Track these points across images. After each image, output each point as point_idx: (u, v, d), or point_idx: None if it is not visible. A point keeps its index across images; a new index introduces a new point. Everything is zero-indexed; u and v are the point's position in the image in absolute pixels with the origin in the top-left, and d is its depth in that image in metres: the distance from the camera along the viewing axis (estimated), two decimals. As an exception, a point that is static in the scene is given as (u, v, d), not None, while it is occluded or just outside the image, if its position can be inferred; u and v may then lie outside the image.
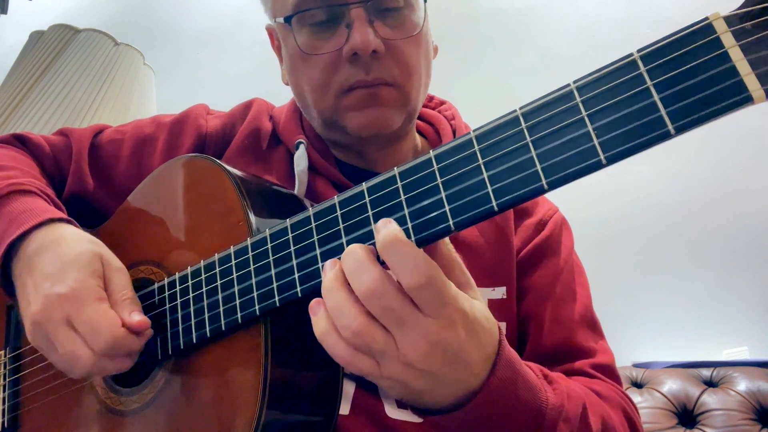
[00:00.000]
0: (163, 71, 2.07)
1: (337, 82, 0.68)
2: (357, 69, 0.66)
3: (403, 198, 0.44)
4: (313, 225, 0.49)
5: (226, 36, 2.59)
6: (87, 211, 0.79)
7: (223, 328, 0.53)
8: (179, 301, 0.57)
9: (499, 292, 0.72)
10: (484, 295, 0.69)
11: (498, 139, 0.41)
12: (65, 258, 0.57)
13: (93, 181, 0.79)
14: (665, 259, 1.85)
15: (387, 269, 0.42)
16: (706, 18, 0.35)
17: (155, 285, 0.60)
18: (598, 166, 0.38)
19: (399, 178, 0.45)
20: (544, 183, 0.39)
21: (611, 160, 0.37)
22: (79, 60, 1.66)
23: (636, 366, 1.68)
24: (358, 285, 0.42)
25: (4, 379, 0.71)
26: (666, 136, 0.36)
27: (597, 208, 1.90)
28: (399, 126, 0.71)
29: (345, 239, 0.47)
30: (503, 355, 0.48)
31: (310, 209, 0.50)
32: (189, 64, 2.59)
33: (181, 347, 0.56)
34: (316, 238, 0.49)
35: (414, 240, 0.43)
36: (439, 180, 0.43)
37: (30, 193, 0.66)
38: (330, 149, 0.78)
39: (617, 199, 1.92)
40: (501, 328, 0.49)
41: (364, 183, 0.47)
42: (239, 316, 0.52)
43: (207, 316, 0.54)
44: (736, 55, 0.34)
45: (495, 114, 0.42)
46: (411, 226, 0.43)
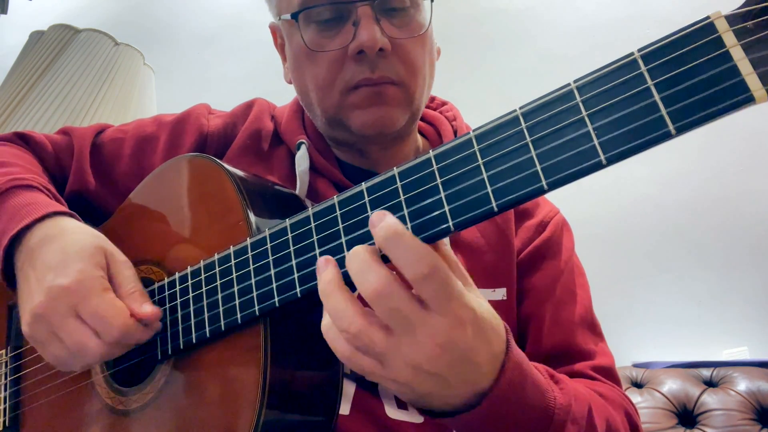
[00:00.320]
0: (163, 71, 2.07)
1: (343, 79, 0.68)
2: (362, 67, 0.66)
3: (403, 198, 0.44)
4: (313, 225, 0.49)
5: (226, 36, 2.59)
6: (88, 210, 0.78)
7: (223, 328, 0.53)
8: (179, 301, 0.57)
9: (500, 293, 0.72)
10: (484, 296, 0.69)
11: (498, 139, 0.41)
12: (68, 250, 0.57)
13: (94, 180, 0.79)
14: (665, 260, 1.85)
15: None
16: (707, 17, 0.35)
17: (155, 285, 0.60)
18: (598, 166, 0.37)
19: (398, 178, 0.45)
20: (544, 183, 0.39)
21: (611, 160, 0.37)
22: (79, 60, 1.65)
23: (636, 366, 1.68)
24: (365, 286, 0.41)
25: (4, 379, 0.71)
26: (667, 136, 0.35)
27: (597, 208, 1.90)
28: (402, 125, 0.71)
29: (344, 239, 0.47)
30: (512, 355, 0.47)
31: (309, 209, 0.50)
32: (189, 64, 2.59)
33: (181, 347, 0.56)
34: (315, 238, 0.48)
35: None
36: (439, 180, 0.43)
37: (32, 188, 0.66)
38: (332, 149, 0.78)
39: (617, 200, 1.92)
40: (507, 327, 0.48)
41: (363, 183, 0.47)
42: (239, 316, 0.52)
43: (207, 316, 0.54)
44: (737, 55, 0.34)
45: (495, 114, 0.42)
46: (410, 226, 0.43)
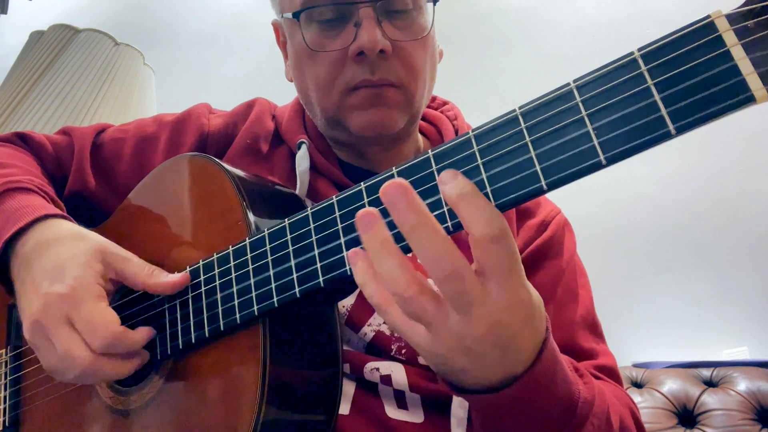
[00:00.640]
0: (164, 71, 2.06)
1: (343, 80, 0.68)
2: (362, 68, 0.66)
3: (403, 198, 0.44)
4: (312, 225, 0.49)
5: (226, 36, 2.59)
6: (88, 210, 0.79)
7: (222, 328, 0.53)
8: (178, 301, 0.57)
9: None
10: None
11: (497, 139, 0.41)
12: (64, 255, 0.57)
13: (94, 180, 0.79)
14: (665, 260, 1.85)
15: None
16: (707, 16, 0.35)
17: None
18: (597, 166, 0.37)
19: (397, 177, 0.44)
20: (543, 183, 0.39)
21: (611, 160, 0.37)
22: (79, 60, 1.65)
23: (636, 366, 1.68)
24: (423, 249, 0.40)
25: (4, 378, 0.71)
26: (667, 136, 0.35)
27: (597, 208, 1.89)
28: (402, 127, 0.71)
29: (344, 239, 0.47)
30: (549, 344, 0.46)
31: (308, 209, 0.50)
32: (189, 64, 2.59)
33: (180, 347, 0.56)
34: (314, 238, 0.48)
35: None
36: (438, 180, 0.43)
37: (27, 191, 0.66)
38: (333, 149, 0.77)
39: (617, 200, 1.92)
40: (547, 316, 0.47)
41: (362, 182, 0.47)
42: (238, 316, 0.52)
43: (206, 316, 0.54)
44: (738, 54, 0.34)
45: (494, 114, 0.42)
46: (410, 226, 0.43)
